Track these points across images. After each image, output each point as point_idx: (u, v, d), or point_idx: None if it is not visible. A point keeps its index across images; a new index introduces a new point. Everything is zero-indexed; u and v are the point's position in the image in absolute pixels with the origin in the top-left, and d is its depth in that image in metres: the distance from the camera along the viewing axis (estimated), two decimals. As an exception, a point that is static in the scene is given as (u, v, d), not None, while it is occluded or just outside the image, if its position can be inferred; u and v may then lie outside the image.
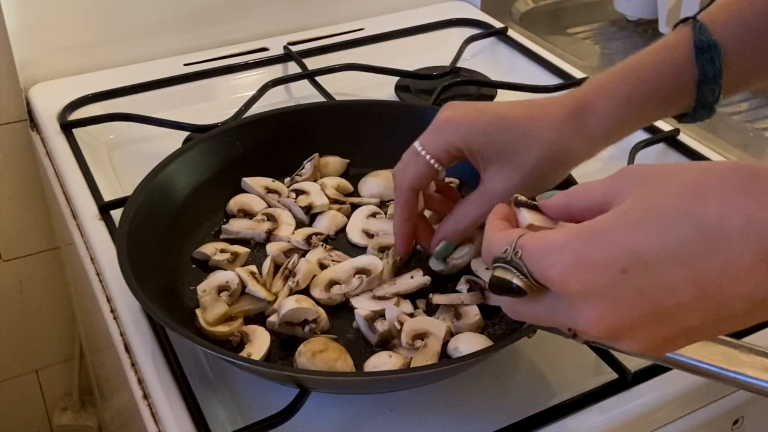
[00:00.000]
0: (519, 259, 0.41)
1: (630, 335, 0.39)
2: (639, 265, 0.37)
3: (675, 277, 0.37)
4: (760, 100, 1.01)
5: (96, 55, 1.01)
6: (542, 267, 0.40)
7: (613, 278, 0.38)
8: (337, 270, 0.66)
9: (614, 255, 0.38)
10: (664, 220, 0.37)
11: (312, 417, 0.59)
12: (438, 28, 1.12)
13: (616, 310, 0.38)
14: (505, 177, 0.59)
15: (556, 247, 0.39)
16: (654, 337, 0.39)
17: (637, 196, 0.39)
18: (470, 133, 0.59)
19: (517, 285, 0.41)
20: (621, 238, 0.38)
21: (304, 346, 0.59)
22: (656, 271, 0.37)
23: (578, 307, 0.39)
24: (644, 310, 0.38)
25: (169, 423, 0.57)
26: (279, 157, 0.79)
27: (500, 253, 0.42)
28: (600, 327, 0.39)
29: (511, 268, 0.41)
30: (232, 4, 1.06)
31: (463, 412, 0.60)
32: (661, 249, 0.37)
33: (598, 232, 0.39)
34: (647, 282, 0.37)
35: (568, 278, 0.39)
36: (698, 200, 0.37)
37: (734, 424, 0.66)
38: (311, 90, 0.96)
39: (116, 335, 0.66)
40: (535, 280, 0.41)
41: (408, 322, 0.61)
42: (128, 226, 0.65)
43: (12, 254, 1.10)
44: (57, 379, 1.26)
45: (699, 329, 0.39)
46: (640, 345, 0.40)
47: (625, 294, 0.38)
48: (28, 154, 1.02)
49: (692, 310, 0.38)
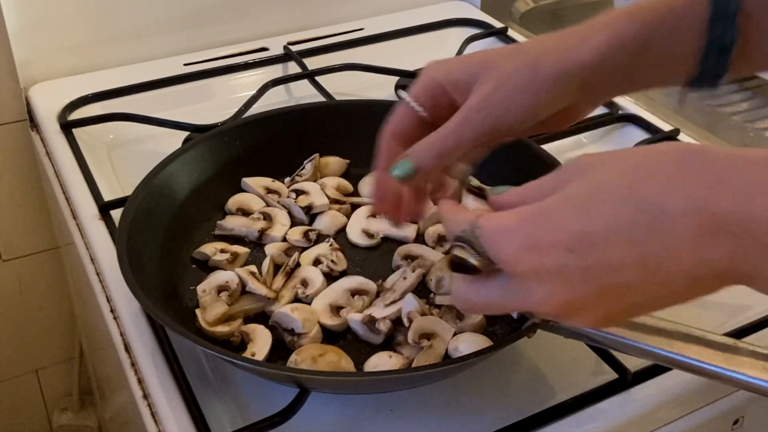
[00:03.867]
0: (476, 239, 0.42)
1: (579, 312, 0.41)
2: (585, 245, 0.39)
3: (620, 257, 0.38)
4: (760, 100, 1.01)
5: (96, 55, 1.01)
6: (495, 247, 0.41)
7: (560, 258, 0.39)
8: (334, 295, 0.66)
9: (561, 236, 0.39)
10: (608, 202, 0.39)
11: (312, 417, 0.59)
12: (438, 28, 1.12)
13: (565, 289, 0.40)
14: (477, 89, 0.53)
15: (507, 228, 0.41)
16: (601, 313, 0.41)
17: (582, 180, 0.41)
18: (449, 67, 0.56)
19: (472, 263, 0.43)
20: (567, 220, 0.39)
21: (298, 355, 0.59)
22: (602, 251, 0.39)
23: (529, 287, 0.41)
24: (592, 289, 0.39)
25: (169, 423, 0.57)
26: (279, 157, 0.79)
27: (459, 232, 0.44)
28: (550, 305, 0.41)
29: (468, 247, 0.43)
30: (232, 4, 1.06)
31: (463, 412, 0.60)
32: (605, 229, 0.38)
33: (544, 214, 0.40)
34: (594, 261, 0.39)
35: (518, 259, 0.40)
36: (640, 182, 0.38)
37: (734, 424, 0.66)
38: (311, 90, 0.96)
39: (116, 335, 0.66)
40: (490, 259, 0.42)
41: (417, 320, 0.62)
42: (128, 226, 0.65)
43: (12, 254, 1.10)
44: (57, 379, 1.26)
45: (643, 305, 0.41)
46: (588, 321, 0.42)
47: (573, 273, 0.39)
48: (28, 154, 1.02)
49: (637, 287, 0.39)
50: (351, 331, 0.64)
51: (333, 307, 0.65)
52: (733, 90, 1.03)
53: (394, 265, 0.70)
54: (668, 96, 0.99)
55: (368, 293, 0.66)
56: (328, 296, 0.65)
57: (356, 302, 0.65)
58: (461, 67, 0.55)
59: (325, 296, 0.66)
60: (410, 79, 1.00)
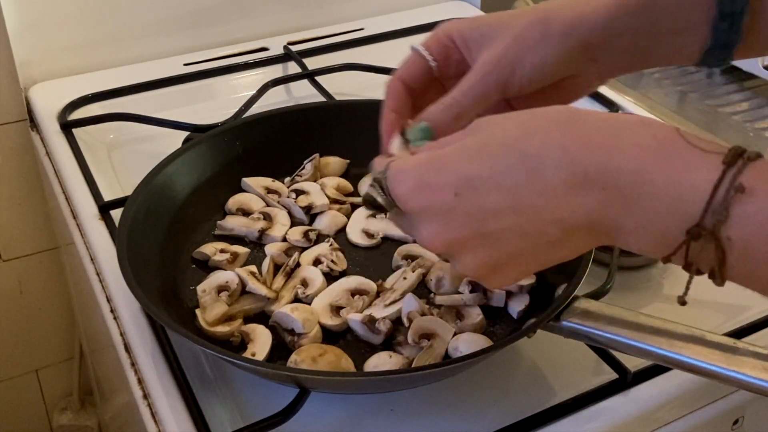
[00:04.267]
0: (385, 180, 0.47)
1: (461, 255, 0.45)
2: (469, 190, 0.43)
3: (499, 202, 0.43)
4: (760, 100, 1.01)
5: (96, 55, 1.01)
6: (393, 187, 0.46)
7: (446, 200, 0.44)
8: (334, 295, 0.66)
9: (449, 180, 0.44)
10: (494, 153, 0.43)
11: (312, 417, 0.59)
12: (438, 28, 1.12)
13: (448, 229, 0.44)
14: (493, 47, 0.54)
15: (404, 170, 0.46)
16: (482, 259, 0.45)
17: (477, 134, 0.45)
18: (462, 25, 0.57)
19: (378, 201, 0.48)
20: (457, 166, 0.44)
21: (298, 355, 0.59)
22: (483, 196, 0.43)
23: (417, 224, 0.46)
24: (471, 231, 0.44)
25: (169, 423, 0.57)
26: (279, 157, 0.79)
27: (377, 173, 0.48)
28: (435, 243, 0.45)
29: (377, 187, 0.48)
30: (232, 4, 1.06)
31: (463, 412, 0.60)
32: (489, 176, 0.43)
33: (439, 160, 0.45)
34: (475, 205, 0.43)
35: (409, 198, 0.45)
36: (525, 136, 0.43)
37: (734, 424, 0.66)
38: (311, 90, 0.96)
39: (116, 335, 0.66)
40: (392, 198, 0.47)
41: (417, 320, 0.62)
42: (128, 226, 0.65)
43: (12, 254, 1.10)
44: (57, 379, 1.26)
45: (522, 256, 0.44)
46: (470, 266, 0.45)
47: (456, 216, 0.44)
48: (28, 154, 1.02)
49: (513, 233, 0.43)
50: (351, 331, 0.64)
51: (333, 307, 0.65)
52: (733, 90, 1.03)
53: (394, 265, 0.70)
54: (668, 96, 0.99)
55: (368, 293, 0.66)
56: (328, 296, 0.65)
57: (356, 302, 0.65)
58: (474, 25, 0.57)
59: (325, 296, 0.66)
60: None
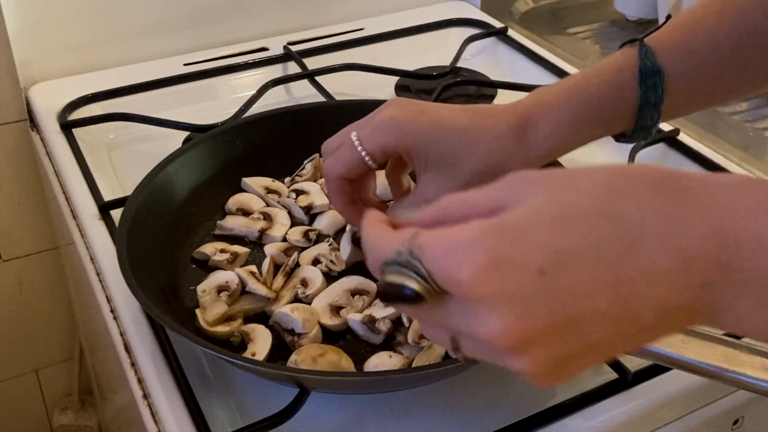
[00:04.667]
0: (417, 261, 0.35)
1: (532, 351, 0.35)
2: (558, 266, 0.34)
3: (593, 280, 0.34)
4: (760, 100, 1.01)
5: (96, 55, 1.01)
6: (448, 267, 0.34)
7: (528, 280, 0.34)
8: (334, 295, 0.65)
9: (533, 253, 0.34)
10: (583, 217, 0.35)
11: (312, 417, 0.59)
12: (438, 28, 1.12)
13: (527, 317, 0.34)
14: (440, 184, 0.58)
15: (464, 244, 0.34)
16: (556, 353, 0.35)
17: (545, 194, 0.36)
18: (410, 138, 0.58)
19: (412, 289, 0.35)
20: (540, 236, 0.34)
21: (298, 355, 0.59)
22: (575, 273, 0.34)
23: (481, 314, 0.34)
24: (556, 319, 0.34)
25: (169, 423, 0.57)
26: (279, 157, 0.79)
27: (392, 255, 0.36)
28: (507, 338, 0.34)
29: (407, 271, 0.35)
30: (232, 4, 1.06)
31: (463, 412, 0.60)
32: (582, 248, 0.34)
33: (514, 228, 0.34)
34: (564, 285, 0.34)
35: (479, 280, 0.34)
36: (615, 197, 0.35)
37: (734, 424, 0.66)
38: (311, 90, 0.96)
39: (116, 335, 0.66)
40: (437, 284, 0.35)
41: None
42: (128, 226, 0.65)
43: (12, 254, 1.10)
44: (57, 379, 1.26)
45: (605, 344, 0.36)
46: (537, 365, 0.35)
47: (539, 299, 0.34)
48: (28, 154, 1.02)
49: (605, 318, 0.35)
50: (351, 331, 0.64)
51: (333, 307, 0.65)
52: (733, 90, 1.03)
53: None
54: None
55: (368, 293, 0.66)
56: (328, 296, 0.65)
57: (356, 302, 0.65)
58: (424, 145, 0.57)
59: (325, 296, 0.66)
60: (410, 79, 1.00)
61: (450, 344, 0.37)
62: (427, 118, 0.58)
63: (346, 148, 0.59)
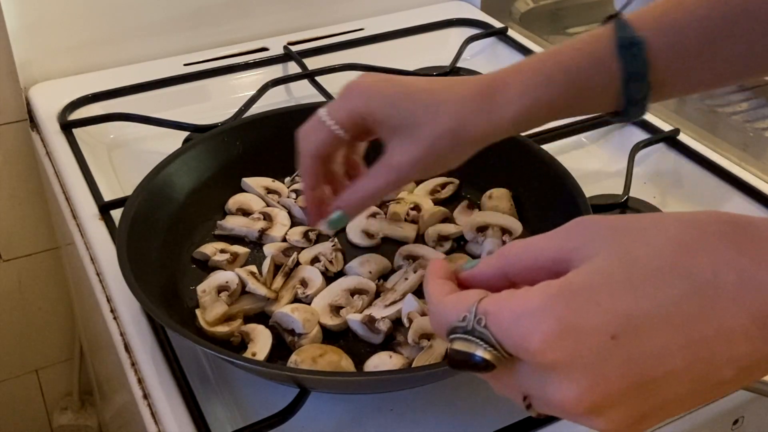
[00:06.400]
0: (484, 328, 0.35)
1: (608, 412, 0.34)
2: (630, 330, 0.33)
3: (667, 342, 0.33)
4: (760, 100, 1.01)
5: (96, 55, 1.01)
6: (517, 335, 0.34)
7: (601, 346, 0.33)
8: (333, 295, 0.66)
9: (603, 319, 0.33)
10: (654, 278, 0.34)
11: (312, 417, 0.59)
12: (438, 28, 1.12)
13: (602, 383, 0.33)
14: (405, 149, 0.57)
15: (532, 311, 0.34)
16: (632, 412, 0.35)
17: (612, 252, 0.35)
18: (375, 100, 0.58)
19: (483, 358, 0.35)
20: (609, 300, 0.33)
21: (298, 355, 0.59)
22: (648, 336, 0.33)
23: (555, 381, 0.34)
24: (631, 382, 0.33)
25: (169, 423, 0.57)
26: (279, 157, 0.78)
27: (458, 321, 0.36)
28: (580, 403, 0.34)
29: (474, 339, 0.35)
30: (232, 4, 1.06)
31: (463, 412, 0.60)
32: (653, 310, 0.33)
33: (582, 293, 0.34)
34: (637, 349, 0.33)
35: (551, 347, 0.33)
36: (686, 255, 0.34)
37: (734, 424, 0.66)
38: (311, 90, 0.96)
39: (116, 335, 0.66)
40: (506, 351, 0.35)
41: (417, 320, 0.62)
42: (128, 226, 0.65)
43: (12, 254, 1.10)
44: (57, 379, 1.26)
45: (681, 400, 0.35)
46: (615, 424, 0.35)
47: (613, 364, 0.33)
48: (28, 154, 1.02)
49: (681, 378, 0.34)
50: (351, 331, 0.64)
51: (333, 307, 0.65)
52: (733, 90, 1.03)
53: (395, 265, 0.70)
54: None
55: (368, 293, 0.66)
56: (327, 296, 0.65)
57: (356, 302, 0.65)
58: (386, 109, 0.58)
59: (324, 296, 0.66)
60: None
61: (522, 402, 0.37)
62: (393, 84, 0.59)
63: (315, 124, 0.60)
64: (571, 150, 0.89)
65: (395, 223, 0.73)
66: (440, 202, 0.77)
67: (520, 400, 0.37)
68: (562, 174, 0.70)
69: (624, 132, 0.91)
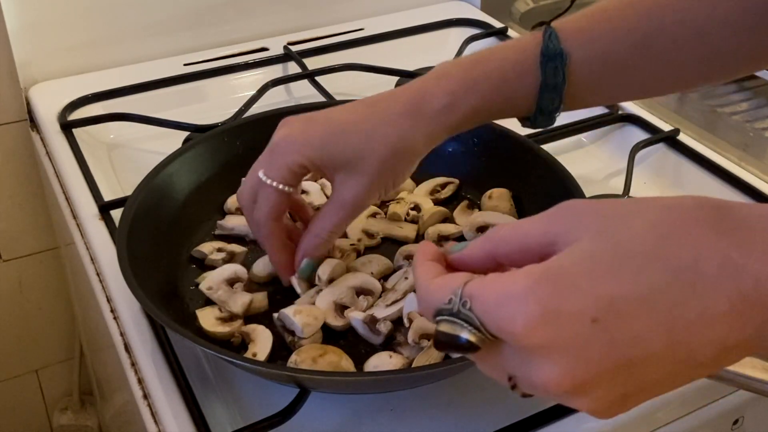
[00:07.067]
0: (468, 311, 0.36)
1: (590, 392, 0.35)
2: (612, 314, 0.34)
3: (648, 325, 0.34)
4: (760, 100, 1.01)
5: (96, 55, 1.01)
6: (501, 318, 0.35)
7: (582, 329, 0.34)
8: (338, 292, 0.65)
9: (585, 303, 0.34)
10: (636, 263, 0.34)
11: (312, 417, 0.59)
12: (438, 28, 1.12)
13: (583, 364, 0.34)
14: (354, 183, 0.59)
15: (515, 294, 0.34)
16: (614, 393, 0.35)
17: (596, 237, 0.35)
18: (309, 149, 0.58)
19: (467, 340, 0.36)
20: (591, 284, 0.34)
21: (298, 355, 0.59)
22: (629, 320, 0.34)
23: (537, 362, 0.35)
24: (612, 363, 0.34)
25: (169, 423, 0.57)
26: (279, 157, 0.78)
27: (443, 304, 0.37)
28: (562, 384, 0.35)
29: (459, 321, 0.36)
30: (232, 4, 1.06)
31: (463, 412, 0.60)
32: (634, 294, 0.34)
33: (564, 277, 0.34)
34: (618, 332, 0.34)
35: (533, 330, 0.34)
36: (668, 240, 0.34)
37: (734, 424, 0.66)
38: (311, 90, 0.96)
39: (116, 335, 0.66)
40: (490, 333, 0.36)
41: (417, 320, 0.61)
42: (128, 226, 0.65)
43: (12, 254, 1.10)
44: (57, 379, 1.26)
45: (662, 382, 0.36)
46: (597, 404, 0.36)
47: (594, 346, 0.34)
48: (28, 154, 1.03)
49: (662, 360, 0.34)
50: (351, 331, 0.64)
51: (338, 306, 0.64)
52: (733, 90, 1.03)
53: (396, 265, 0.70)
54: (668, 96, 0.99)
55: (373, 294, 0.65)
56: (333, 293, 0.65)
57: (361, 302, 0.65)
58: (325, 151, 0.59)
59: (330, 293, 0.65)
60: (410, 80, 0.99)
61: (507, 382, 0.38)
62: (319, 125, 0.60)
63: (259, 188, 0.60)
64: (571, 150, 0.89)
65: (395, 223, 0.73)
66: (440, 202, 0.77)
67: (506, 380, 0.38)
68: (562, 174, 0.70)
69: (624, 132, 0.91)
